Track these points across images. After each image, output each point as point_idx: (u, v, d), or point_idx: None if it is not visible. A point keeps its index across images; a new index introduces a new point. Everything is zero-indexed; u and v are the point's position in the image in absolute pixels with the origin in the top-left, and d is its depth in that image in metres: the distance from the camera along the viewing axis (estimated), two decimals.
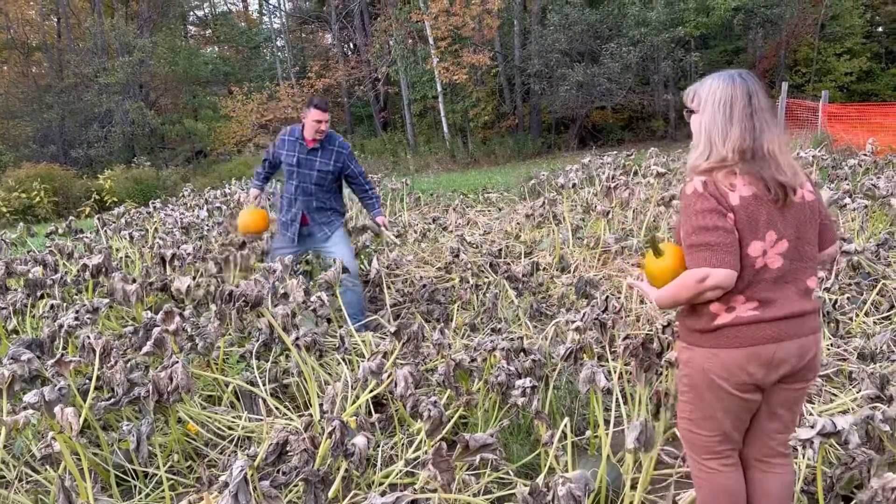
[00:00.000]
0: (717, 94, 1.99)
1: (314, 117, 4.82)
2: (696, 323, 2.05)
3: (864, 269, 5.01)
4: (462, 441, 2.61)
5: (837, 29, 23.96)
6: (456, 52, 21.30)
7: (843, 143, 11.68)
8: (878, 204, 6.35)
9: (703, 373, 2.04)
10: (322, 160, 4.95)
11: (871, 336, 4.08)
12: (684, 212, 1.99)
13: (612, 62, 19.82)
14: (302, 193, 4.99)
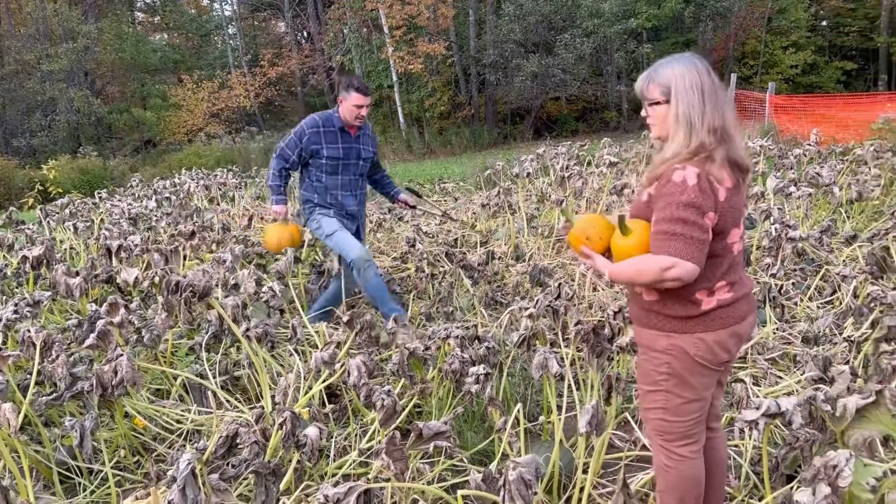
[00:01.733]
0: (686, 79, 1.97)
1: (354, 102, 4.31)
2: (680, 311, 2.03)
3: (809, 255, 5.15)
4: (416, 429, 2.60)
5: (783, 22, 24.56)
6: (411, 41, 21.19)
7: (789, 133, 12.00)
8: (822, 192, 6.54)
9: (689, 358, 2.04)
10: (365, 147, 4.57)
11: (815, 320, 4.19)
12: (666, 197, 1.93)
13: (567, 53, 19.96)
14: (350, 188, 4.57)
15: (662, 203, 1.94)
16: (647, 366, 2.13)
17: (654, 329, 2.08)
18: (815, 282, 4.67)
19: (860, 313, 3.95)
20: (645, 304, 2.09)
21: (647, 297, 2.08)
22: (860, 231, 5.82)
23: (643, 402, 2.20)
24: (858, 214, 6.54)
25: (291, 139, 4.44)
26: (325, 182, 4.48)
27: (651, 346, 2.10)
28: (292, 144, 4.44)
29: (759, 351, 3.92)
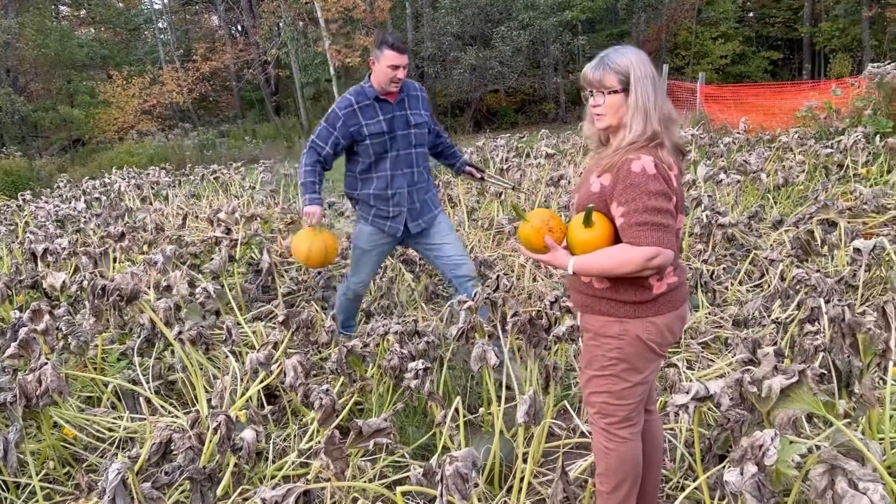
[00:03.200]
0: (642, 68, 1.98)
1: (390, 62, 3.55)
2: (633, 296, 2.05)
3: (738, 240, 5.31)
4: (355, 427, 2.58)
5: (713, 14, 25.27)
6: (348, 34, 20.98)
7: (719, 122, 12.34)
8: (750, 179, 6.75)
9: (640, 342, 2.07)
10: (414, 112, 3.78)
11: (745, 303, 4.32)
12: (632, 189, 1.93)
13: (504, 46, 20.09)
14: (405, 166, 3.79)
15: (630, 194, 1.93)
16: (596, 351, 2.14)
17: (606, 315, 2.09)
18: (745, 266, 4.82)
19: (786, 296, 4.09)
20: (596, 292, 2.10)
21: (598, 285, 2.09)
22: (787, 216, 6.03)
23: (587, 387, 2.21)
24: (785, 200, 6.77)
25: (323, 128, 3.72)
26: (376, 166, 3.76)
27: (602, 332, 2.11)
28: (324, 134, 3.70)
29: (691, 335, 4.02)
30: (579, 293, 2.17)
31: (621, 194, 1.94)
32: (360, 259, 3.98)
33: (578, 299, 2.19)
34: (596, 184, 2.02)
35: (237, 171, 10.46)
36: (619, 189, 1.95)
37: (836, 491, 1.74)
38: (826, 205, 5.34)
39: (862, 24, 24.23)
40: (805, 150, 7.81)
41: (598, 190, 2.01)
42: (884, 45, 23.89)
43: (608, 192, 1.98)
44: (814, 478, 1.81)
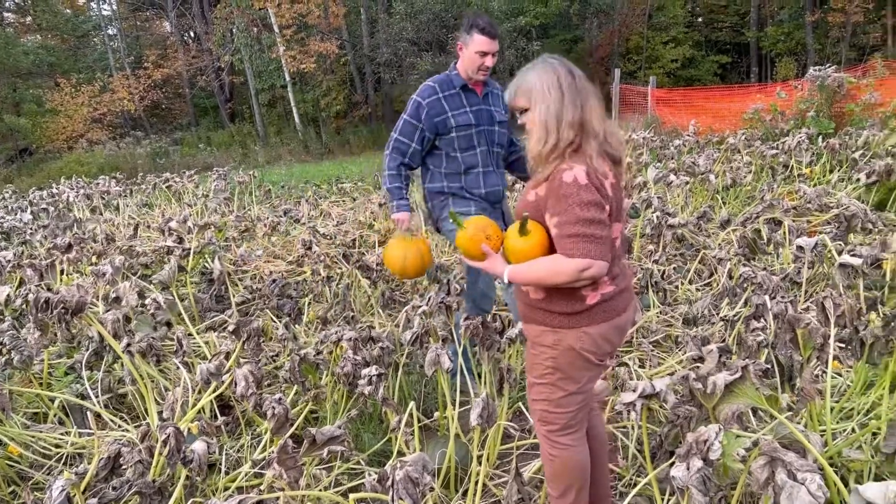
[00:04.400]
0: (543, 82, 1.98)
1: (478, 47, 3.19)
2: (566, 306, 2.05)
3: (688, 240, 5.42)
4: (308, 436, 2.56)
5: (663, 19, 25.80)
6: (302, 40, 20.85)
7: (670, 125, 12.59)
8: (699, 180, 6.90)
9: (574, 352, 2.07)
10: (497, 109, 3.46)
11: (694, 302, 4.42)
12: (564, 200, 1.92)
13: None
14: (491, 163, 3.45)
15: (562, 205, 1.93)
16: (534, 360, 2.16)
17: (541, 325, 2.10)
18: (694, 266, 4.92)
19: (734, 294, 4.19)
20: (532, 302, 2.11)
21: (533, 295, 2.09)
22: (735, 215, 6.18)
23: (530, 393, 2.23)
24: (734, 200, 6.94)
25: (405, 122, 3.37)
26: (462, 161, 3.38)
27: (538, 341, 2.13)
28: (408, 129, 3.36)
29: (643, 334, 4.09)
30: (520, 302, 2.19)
31: (554, 205, 1.95)
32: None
33: (519, 308, 2.20)
34: (532, 194, 2.03)
35: (190, 179, 10.30)
36: (551, 200, 1.95)
37: (776, 482, 1.79)
38: (772, 204, 5.49)
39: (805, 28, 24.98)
40: (752, 152, 8.02)
41: (533, 200, 2.02)
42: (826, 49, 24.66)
43: (542, 202, 1.98)
44: (755, 470, 1.86)
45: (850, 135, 8.04)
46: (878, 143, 7.45)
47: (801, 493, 1.71)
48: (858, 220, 4.81)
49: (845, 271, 3.64)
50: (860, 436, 2.68)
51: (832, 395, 3.10)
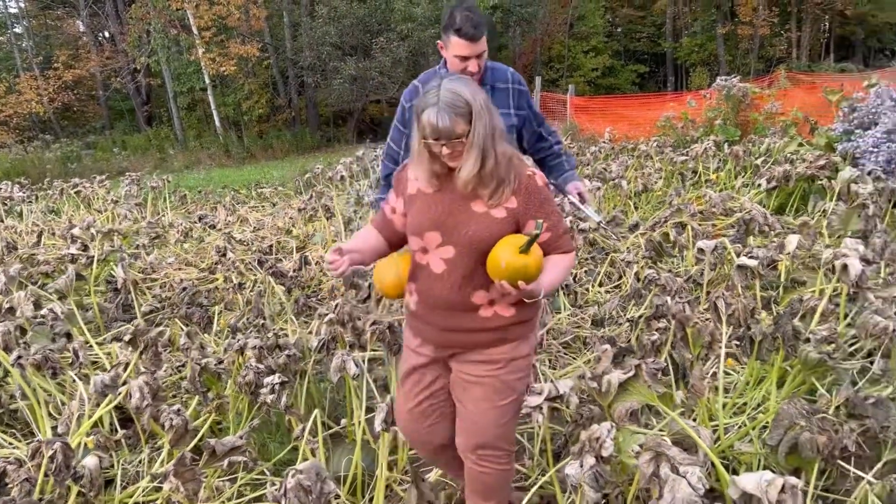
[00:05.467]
0: (479, 99, 1.89)
1: (456, 51, 2.74)
2: (529, 313, 2.08)
3: (599, 244, 5.57)
4: (208, 447, 2.50)
5: (584, 28, 26.49)
6: (222, 42, 20.39)
7: (588, 132, 12.91)
8: (612, 185, 7.09)
9: (534, 354, 2.16)
10: (499, 110, 2.89)
11: (603, 304, 4.54)
12: (548, 203, 1.99)
13: (383, 56, 20.16)
14: None
15: (547, 208, 1.99)
16: (508, 378, 2.10)
17: (517, 339, 2.09)
18: (604, 268, 5.05)
19: (640, 295, 4.33)
20: (506, 320, 2.05)
21: (507, 313, 2.04)
22: (646, 220, 6.38)
23: (497, 419, 2.13)
24: (645, 205, 7.17)
25: (394, 127, 3.05)
26: None
27: (515, 355, 2.10)
28: (396, 135, 3.03)
29: (553, 336, 4.17)
30: (478, 332, 2.06)
31: (539, 210, 1.97)
32: None
33: (478, 339, 2.07)
34: (499, 210, 1.96)
35: (101, 184, 9.91)
36: (534, 206, 1.96)
37: (660, 476, 1.86)
38: (680, 209, 5.69)
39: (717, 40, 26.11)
40: (662, 158, 8.30)
41: (504, 215, 1.96)
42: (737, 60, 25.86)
43: (520, 212, 1.96)
44: (642, 465, 1.92)
45: (754, 142, 8.43)
46: (779, 150, 7.83)
47: (682, 485, 1.77)
48: (756, 224, 5.04)
49: (743, 272, 3.80)
50: (750, 429, 2.80)
51: (727, 391, 3.24)
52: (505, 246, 1.89)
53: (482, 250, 1.94)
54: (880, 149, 6.51)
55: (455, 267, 2.00)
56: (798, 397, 2.68)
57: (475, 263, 1.97)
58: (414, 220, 2.06)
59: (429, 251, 2.04)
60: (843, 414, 2.60)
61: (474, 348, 2.09)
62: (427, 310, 2.11)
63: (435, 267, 2.03)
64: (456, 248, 1.98)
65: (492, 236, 1.93)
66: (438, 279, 2.03)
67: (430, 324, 2.12)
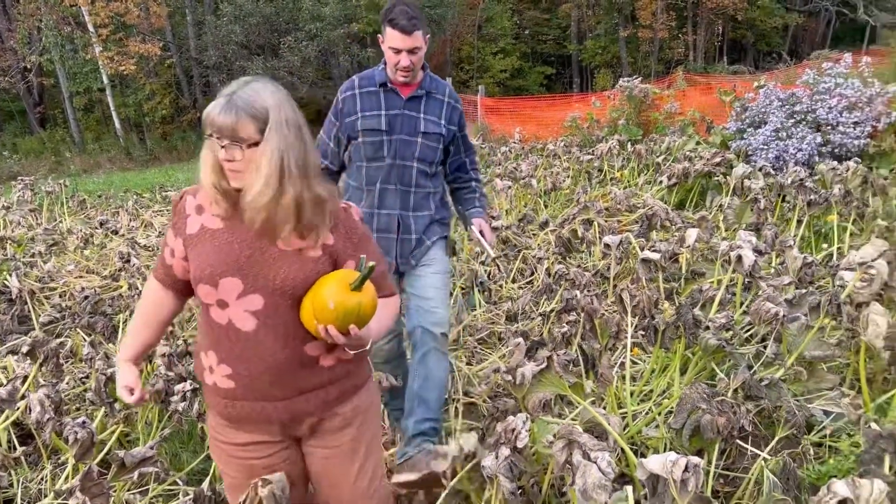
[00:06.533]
0: (285, 111, 1.58)
1: (391, 42, 2.67)
2: (363, 353, 1.79)
3: (512, 241, 5.68)
4: (116, 459, 2.42)
5: (492, 30, 26.87)
6: (121, 40, 19.56)
7: (499, 132, 13.12)
8: (522, 184, 7.25)
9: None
10: (430, 118, 2.81)
11: (516, 300, 4.64)
12: (367, 238, 1.76)
13: (292, 56, 19.85)
14: (397, 180, 2.80)
15: (368, 245, 1.76)
16: (373, 423, 1.88)
17: (365, 383, 1.84)
18: (517, 265, 5.17)
19: (550, 290, 4.45)
20: (348, 367, 1.76)
21: (346, 356, 1.72)
22: (555, 217, 6.56)
23: (377, 471, 1.89)
24: (554, 203, 7.36)
25: (327, 119, 2.91)
26: (364, 173, 2.82)
27: (369, 399, 1.86)
28: (327, 126, 2.90)
29: (469, 332, 4.24)
30: (329, 387, 1.74)
31: (361, 247, 1.73)
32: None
33: (332, 395, 1.75)
34: (314, 250, 1.65)
35: None
36: (354, 242, 1.72)
37: (573, 463, 1.93)
38: (586, 206, 5.89)
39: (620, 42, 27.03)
40: (570, 157, 8.55)
41: (320, 254, 1.66)
42: (639, 62, 26.82)
43: (338, 251, 1.69)
44: (555, 453, 1.98)
45: (655, 141, 8.80)
46: (678, 149, 8.21)
47: (593, 470, 1.85)
48: (658, 219, 5.27)
49: (647, 265, 3.97)
50: (656, 414, 2.94)
51: (634, 379, 3.38)
52: (332, 283, 1.58)
53: (298, 296, 1.62)
54: (770, 146, 6.93)
55: (270, 319, 1.63)
56: (699, 382, 2.84)
57: (294, 310, 1.64)
58: (203, 264, 1.63)
59: (229, 304, 1.62)
60: (740, 396, 2.76)
61: (333, 407, 1.75)
62: (250, 384, 1.66)
63: (242, 323, 1.63)
64: (265, 296, 1.61)
65: (308, 279, 1.62)
66: (253, 339, 1.63)
67: (263, 399, 1.67)
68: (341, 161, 2.91)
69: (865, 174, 5.59)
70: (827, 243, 4.96)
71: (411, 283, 2.86)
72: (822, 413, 2.88)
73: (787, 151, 6.76)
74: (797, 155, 6.68)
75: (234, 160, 1.55)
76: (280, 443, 1.75)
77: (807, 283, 3.76)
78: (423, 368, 2.70)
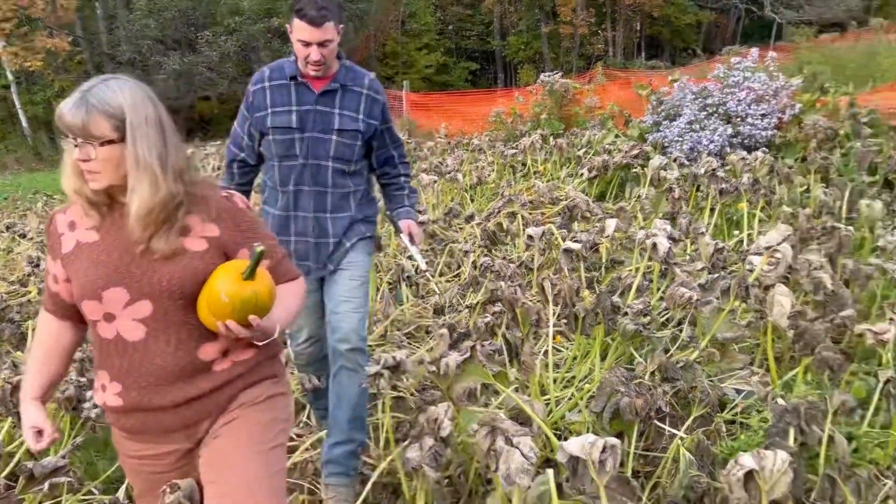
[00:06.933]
0: (142, 109, 1.52)
1: (298, 34, 2.47)
2: (271, 349, 1.72)
3: (439, 235, 5.71)
4: (24, 471, 2.31)
5: (416, 25, 26.88)
6: (26, 35, 18.63)
7: (425, 128, 13.15)
8: (448, 179, 7.29)
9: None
10: (346, 113, 2.61)
11: (444, 293, 4.66)
12: (256, 224, 1.69)
13: (210, 51, 19.35)
14: (311, 180, 2.62)
15: (259, 230, 1.69)
16: (266, 417, 1.70)
17: (269, 378, 1.73)
18: (444, 259, 5.19)
19: (477, 282, 4.49)
20: (246, 366, 1.66)
21: (245, 356, 1.66)
22: (481, 211, 6.62)
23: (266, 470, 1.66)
24: (480, 197, 7.43)
25: (240, 112, 2.72)
26: (278, 173, 2.64)
27: (274, 392, 1.73)
28: (240, 118, 2.71)
29: (397, 327, 4.23)
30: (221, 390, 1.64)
31: (251, 234, 1.65)
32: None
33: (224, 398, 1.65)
34: (198, 243, 1.58)
35: None
36: (243, 230, 1.65)
37: (496, 449, 1.95)
38: (511, 199, 5.97)
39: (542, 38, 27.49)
40: (494, 152, 8.65)
41: (206, 247, 1.59)
42: (560, 58, 27.32)
43: (226, 241, 1.61)
44: (479, 440, 2.01)
45: (576, 135, 8.99)
46: (598, 142, 8.41)
47: (516, 455, 1.88)
48: (580, 210, 5.39)
49: (569, 255, 4.06)
50: (578, 399, 3.01)
51: (557, 366, 3.45)
52: (222, 275, 1.51)
53: (189, 296, 1.55)
54: (684, 138, 7.19)
55: (160, 326, 1.56)
56: (619, 367, 2.92)
57: (185, 313, 1.57)
58: (84, 280, 1.55)
59: (116, 316, 1.55)
60: (657, 378, 2.86)
61: (225, 411, 1.66)
62: (141, 397, 1.58)
63: (129, 334, 1.56)
64: (153, 301, 1.55)
65: (196, 276, 1.55)
66: (143, 348, 1.56)
67: (156, 410, 1.59)
68: (258, 154, 2.70)
69: (772, 163, 5.87)
70: (738, 230, 5.19)
71: (327, 290, 2.71)
72: (734, 392, 3.00)
73: (701, 143, 7.03)
74: (710, 146, 6.94)
75: (90, 159, 1.49)
76: (182, 449, 1.67)
77: (719, 268, 3.92)
78: (335, 387, 2.64)
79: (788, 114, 7.05)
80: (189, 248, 1.56)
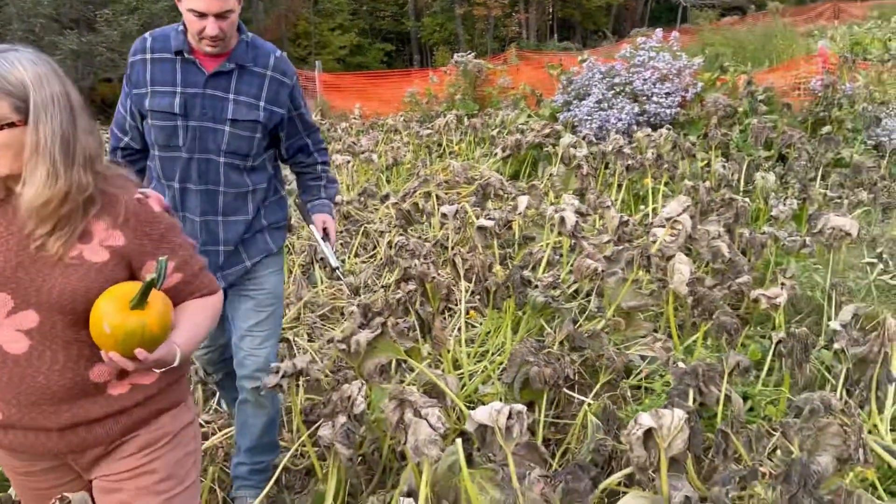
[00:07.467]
0: (49, 87, 1.31)
1: (192, 4, 2.04)
2: (178, 370, 1.53)
3: (354, 216, 5.66)
4: None
5: (328, 5, 26.41)
6: None
7: (339, 109, 12.97)
8: (363, 160, 7.23)
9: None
10: (240, 99, 2.20)
11: (359, 273, 4.64)
12: (171, 233, 1.49)
13: (110, 30, 18.42)
14: (198, 177, 2.24)
15: (174, 240, 1.49)
16: (179, 453, 1.55)
17: (175, 406, 1.56)
18: (359, 239, 5.16)
19: (392, 262, 4.49)
20: (149, 391, 1.49)
21: (147, 381, 1.47)
22: (397, 191, 6.59)
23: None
24: (397, 178, 7.40)
25: (122, 87, 2.31)
26: (160, 164, 2.26)
27: (179, 424, 1.57)
28: (123, 96, 2.29)
29: (311, 309, 4.19)
30: (116, 417, 1.46)
31: (163, 244, 1.47)
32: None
33: (120, 427, 1.47)
34: (99, 253, 1.39)
35: None
36: (154, 239, 1.45)
37: (405, 422, 1.96)
38: (426, 179, 5.97)
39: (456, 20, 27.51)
40: (410, 132, 8.62)
41: (107, 258, 1.39)
42: (475, 39, 27.43)
43: (132, 251, 1.43)
44: (388, 414, 2.01)
45: (490, 115, 9.07)
46: (511, 122, 8.51)
47: (423, 426, 1.89)
48: (493, 189, 5.46)
49: (482, 233, 4.11)
50: (491, 372, 3.06)
51: (472, 341, 3.50)
52: (108, 302, 1.31)
53: (81, 312, 1.36)
54: (593, 117, 7.37)
55: (46, 339, 1.38)
56: (529, 338, 2.98)
57: (76, 330, 1.39)
58: None
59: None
60: (566, 348, 2.94)
61: (120, 440, 1.48)
62: (22, 414, 1.39)
63: (11, 346, 1.37)
64: (40, 312, 1.36)
65: (90, 292, 1.35)
66: (25, 363, 1.37)
67: (36, 429, 1.41)
68: (143, 138, 2.30)
69: (675, 139, 6.09)
70: (644, 204, 5.37)
71: (230, 311, 2.41)
72: (639, 358, 3.12)
73: (609, 121, 7.22)
74: (618, 124, 7.15)
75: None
76: (70, 472, 1.52)
77: (625, 240, 4.05)
78: (240, 416, 2.48)
79: (691, 92, 7.33)
80: (87, 258, 1.37)
